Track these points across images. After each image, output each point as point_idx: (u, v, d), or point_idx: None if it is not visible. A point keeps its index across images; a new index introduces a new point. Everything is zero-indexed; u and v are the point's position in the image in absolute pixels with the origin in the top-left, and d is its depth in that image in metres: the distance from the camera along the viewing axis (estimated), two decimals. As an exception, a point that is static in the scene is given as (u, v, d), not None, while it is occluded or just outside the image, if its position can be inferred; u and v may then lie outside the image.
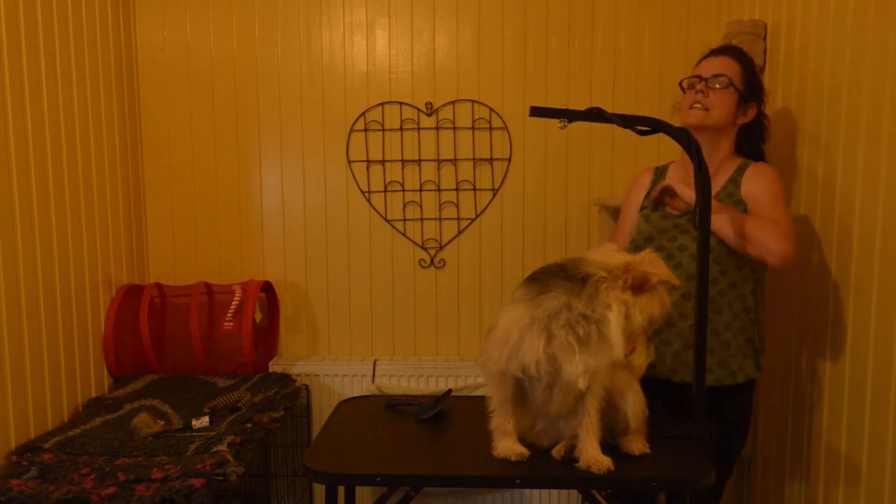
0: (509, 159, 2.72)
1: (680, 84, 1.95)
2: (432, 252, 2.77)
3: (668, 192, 1.86)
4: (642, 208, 1.99)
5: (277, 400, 2.30)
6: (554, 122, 1.72)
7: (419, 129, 2.71)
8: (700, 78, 1.88)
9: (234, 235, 2.78)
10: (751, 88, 1.89)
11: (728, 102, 1.86)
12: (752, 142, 1.94)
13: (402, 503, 1.50)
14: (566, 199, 2.74)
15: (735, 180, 1.87)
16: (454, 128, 2.71)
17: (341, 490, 1.66)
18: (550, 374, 1.38)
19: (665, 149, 2.68)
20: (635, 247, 1.90)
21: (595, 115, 1.59)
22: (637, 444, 1.50)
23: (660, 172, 2.03)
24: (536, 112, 1.66)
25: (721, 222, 1.75)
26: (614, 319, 1.34)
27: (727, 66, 1.87)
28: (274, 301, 2.75)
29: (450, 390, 1.91)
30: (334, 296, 2.79)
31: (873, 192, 1.72)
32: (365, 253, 2.76)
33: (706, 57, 1.92)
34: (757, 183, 1.83)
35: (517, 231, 2.76)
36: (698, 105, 1.86)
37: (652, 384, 1.71)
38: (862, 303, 1.77)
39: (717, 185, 1.88)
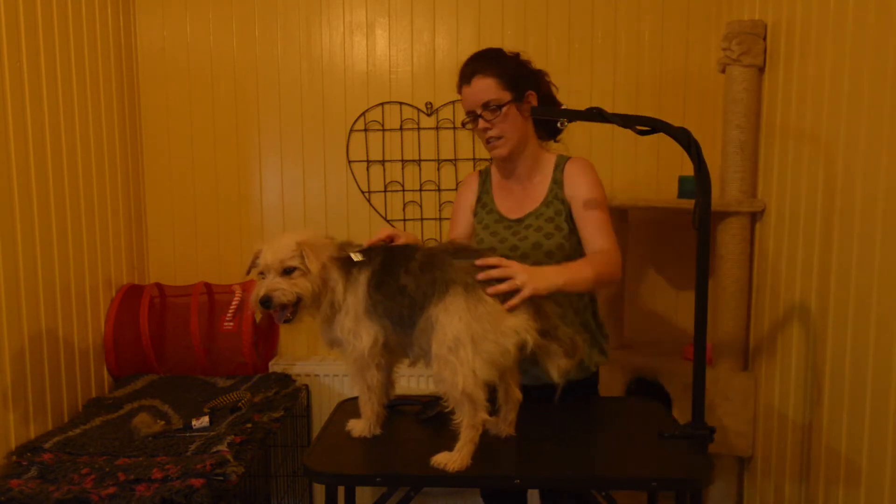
0: (509, 159, 2.72)
1: (463, 124, 1.83)
2: (432, 252, 2.77)
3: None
4: (475, 213, 1.91)
5: (277, 400, 2.30)
6: (554, 123, 1.72)
7: (419, 129, 2.71)
8: (473, 115, 1.77)
9: (234, 235, 2.78)
10: (517, 84, 1.76)
11: (512, 117, 1.76)
12: (546, 123, 1.87)
13: (402, 503, 1.50)
14: (566, 199, 2.74)
15: (557, 181, 1.82)
16: (454, 128, 2.71)
17: (341, 490, 1.66)
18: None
19: (665, 148, 2.68)
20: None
21: (595, 115, 1.59)
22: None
23: (484, 176, 1.93)
24: (536, 112, 1.66)
25: (573, 284, 1.60)
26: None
27: (485, 89, 1.73)
28: (274, 301, 2.75)
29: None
30: (334, 296, 2.79)
31: (873, 192, 1.72)
32: (365, 253, 2.76)
33: (462, 85, 1.77)
34: (579, 185, 1.78)
35: (517, 231, 2.75)
36: (493, 138, 1.77)
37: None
38: (863, 302, 1.77)
39: (539, 193, 1.83)
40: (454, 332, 1.40)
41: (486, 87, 1.74)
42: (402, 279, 1.50)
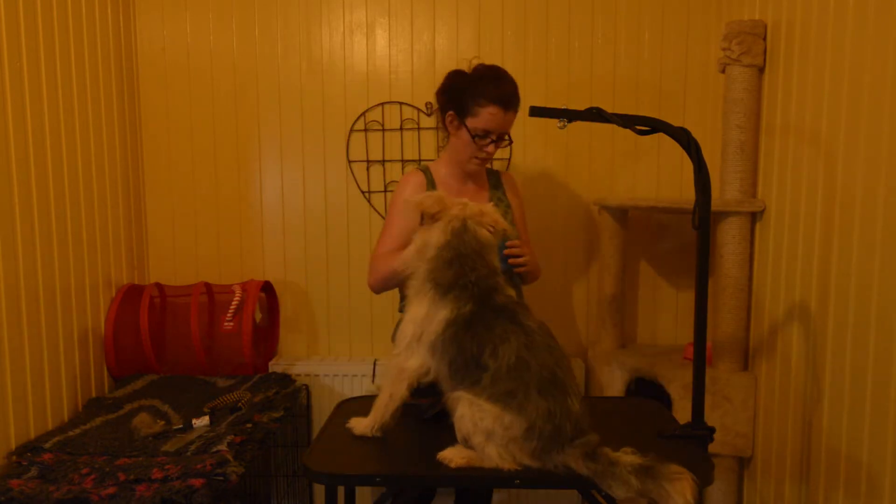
0: (509, 159, 2.72)
1: (462, 122, 1.95)
2: (432, 252, 2.76)
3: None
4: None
5: (277, 400, 2.30)
6: (554, 122, 1.72)
7: (419, 129, 2.71)
8: (488, 134, 1.94)
9: (234, 235, 2.78)
10: None
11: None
12: None
13: (402, 503, 1.50)
14: (566, 199, 2.74)
15: (497, 186, 2.13)
16: (454, 128, 2.71)
17: (341, 490, 1.66)
18: None
19: (665, 148, 2.68)
20: None
21: (595, 115, 1.59)
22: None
23: (428, 176, 2.06)
24: (536, 112, 1.66)
25: (531, 264, 2.02)
26: None
27: (512, 122, 1.96)
28: (274, 301, 2.75)
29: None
30: (334, 296, 2.79)
31: (873, 192, 1.72)
32: (365, 253, 2.76)
33: (495, 103, 1.90)
34: (516, 196, 2.16)
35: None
36: (485, 157, 1.98)
37: None
38: (863, 302, 1.77)
39: (484, 194, 2.09)
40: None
41: (512, 121, 1.96)
42: (484, 358, 1.43)
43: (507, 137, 1.99)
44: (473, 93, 1.91)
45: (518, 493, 2.72)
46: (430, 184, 2.03)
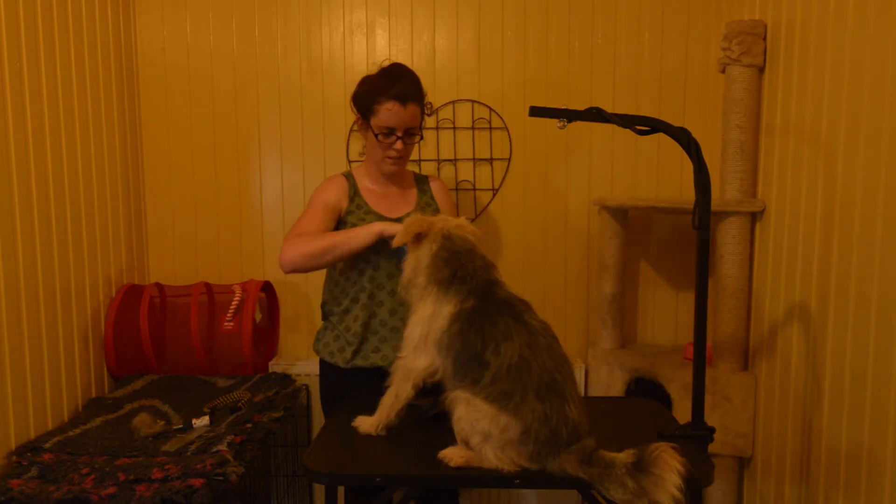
0: (509, 159, 2.72)
1: (368, 124, 1.96)
2: (432, 252, 2.76)
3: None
4: (348, 213, 2.01)
5: (277, 400, 2.30)
6: (554, 122, 1.72)
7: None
8: (392, 132, 1.93)
9: (234, 235, 2.78)
10: (423, 118, 2.04)
11: (414, 145, 2.03)
12: None
13: (402, 503, 1.50)
14: (566, 199, 2.74)
15: (425, 191, 2.13)
16: (454, 128, 2.71)
17: (341, 490, 1.66)
18: None
19: (665, 148, 2.68)
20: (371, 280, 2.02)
21: (594, 115, 1.59)
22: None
23: (351, 181, 2.06)
24: (536, 112, 1.66)
25: None
26: None
27: (415, 116, 1.95)
28: (274, 301, 2.75)
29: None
30: (334, 296, 2.79)
31: (873, 192, 1.72)
32: (365, 253, 2.76)
33: (392, 99, 1.90)
34: (445, 199, 2.16)
35: (517, 231, 2.76)
36: (398, 158, 1.97)
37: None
38: (862, 302, 1.77)
39: (412, 198, 2.09)
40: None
41: (415, 115, 1.95)
42: (486, 354, 1.44)
43: (416, 133, 1.98)
44: (372, 93, 1.94)
45: (512, 494, 2.72)
46: (353, 189, 2.04)
